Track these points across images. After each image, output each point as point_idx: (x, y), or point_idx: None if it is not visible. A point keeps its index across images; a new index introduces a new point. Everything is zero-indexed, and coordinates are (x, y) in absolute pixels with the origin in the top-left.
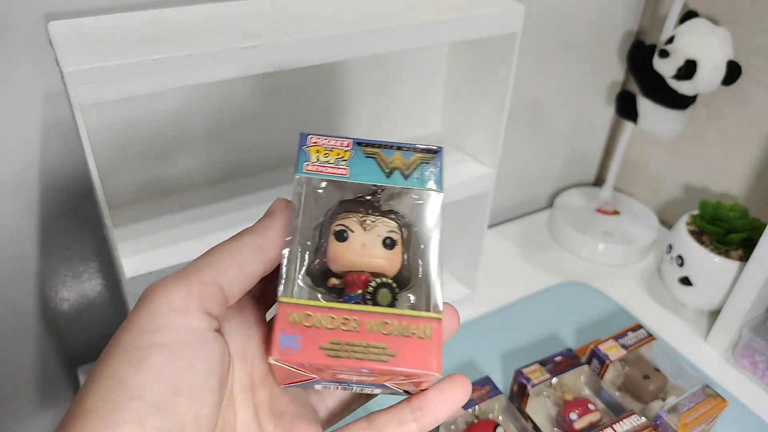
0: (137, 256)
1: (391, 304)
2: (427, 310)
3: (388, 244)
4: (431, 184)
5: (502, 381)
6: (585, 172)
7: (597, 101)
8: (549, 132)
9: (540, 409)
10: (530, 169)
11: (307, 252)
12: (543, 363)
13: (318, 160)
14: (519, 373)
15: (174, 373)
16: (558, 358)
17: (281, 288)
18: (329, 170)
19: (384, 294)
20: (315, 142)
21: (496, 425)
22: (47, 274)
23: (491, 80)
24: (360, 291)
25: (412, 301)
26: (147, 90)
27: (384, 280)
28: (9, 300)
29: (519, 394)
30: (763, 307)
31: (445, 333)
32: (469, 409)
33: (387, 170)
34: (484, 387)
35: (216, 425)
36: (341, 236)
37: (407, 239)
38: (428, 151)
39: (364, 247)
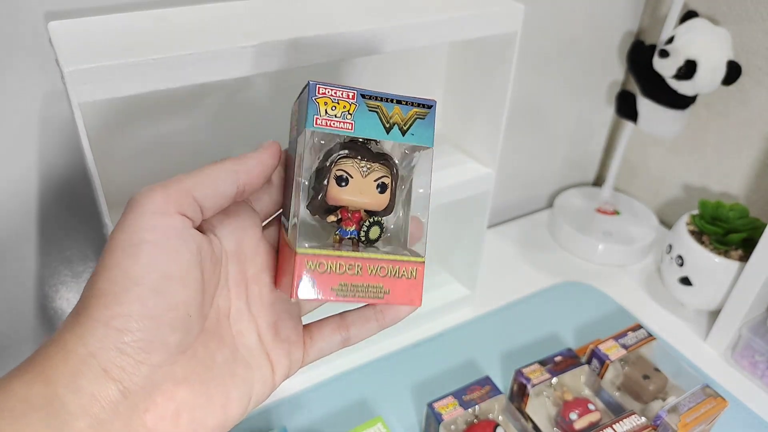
0: None
1: (379, 238)
2: (411, 254)
3: (381, 188)
4: (424, 140)
5: (502, 381)
6: (585, 172)
7: (597, 101)
8: (549, 132)
9: (540, 409)
10: (530, 169)
11: (310, 189)
12: (543, 363)
13: (326, 113)
14: (519, 373)
15: (162, 262)
16: (558, 358)
17: (298, 242)
18: (336, 124)
19: (374, 230)
20: (323, 93)
21: (496, 425)
22: (47, 274)
23: (491, 80)
24: (354, 227)
25: (395, 239)
26: (147, 90)
27: (375, 219)
28: (9, 300)
29: (519, 394)
30: (762, 307)
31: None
32: (469, 409)
33: (387, 125)
34: (484, 387)
35: (204, 307)
36: (342, 181)
37: (396, 180)
38: (423, 105)
39: (362, 192)
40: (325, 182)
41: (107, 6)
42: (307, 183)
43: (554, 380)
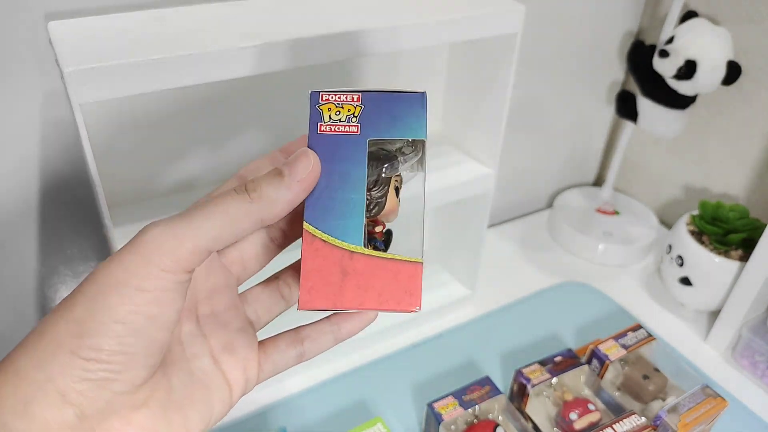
0: None
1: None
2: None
3: (397, 192)
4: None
5: (502, 381)
6: (585, 172)
7: (597, 101)
8: (549, 132)
9: (540, 409)
10: (530, 169)
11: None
12: (543, 363)
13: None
14: (519, 373)
15: (152, 310)
16: (558, 358)
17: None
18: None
19: (389, 236)
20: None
21: (496, 425)
22: (47, 274)
23: (491, 80)
24: (380, 237)
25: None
26: (147, 90)
27: (388, 228)
28: (9, 300)
29: (519, 394)
30: (762, 307)
31: None
32: (469, 409)
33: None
34: (484, 387)
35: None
36: (398, 192)
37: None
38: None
39: (398, 203)
40: (380, 195)
41: (107, 6)
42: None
43: (554, 380)
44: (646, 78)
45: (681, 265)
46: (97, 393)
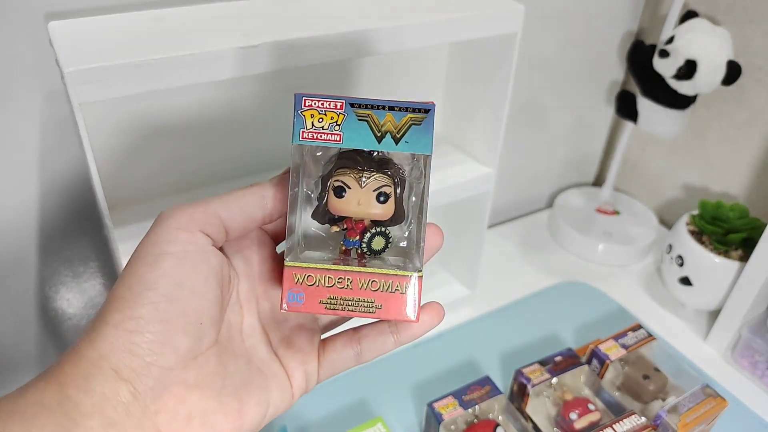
0: None
1: (384, 249)
2: (408, 269)
3: (382, 199)
4: (420, 148)
5: (502, 381)
6: (585, 172)
7: (597, 101)
8: (549, 132)
9: (540, 409)
10: (530, 169)
11: (311, 199)
12: (543, 363)
13: (312, 125)
14: (519, 373)
15: (179, 272)
16: (558, 358)
17: (288, 255)
18: (323, 137)
19: (378, 241)
20: (310, 105)
21: (496, 425)
22: (47, 274)
23: (491, 80)
24: (357, 238)
25: (402, 250)
26: (147, 90)
27: (379, 229)
28: (9, 300)
29: (519, 394)
30: (762, 307)
31: (430, 250)
32: (469, 409)
33: (378, 134)
34: (484, 387)
35: (217, 319)
36: (339, 193)
37: (400, 190)
38: (420, 110)
39: (360, 204)
40: (324, 193)
41: (107, 6)
42: (311, 193)
43: (554, 380)
44: (646, 78)
45: (681, 265)
46: (146, 369)
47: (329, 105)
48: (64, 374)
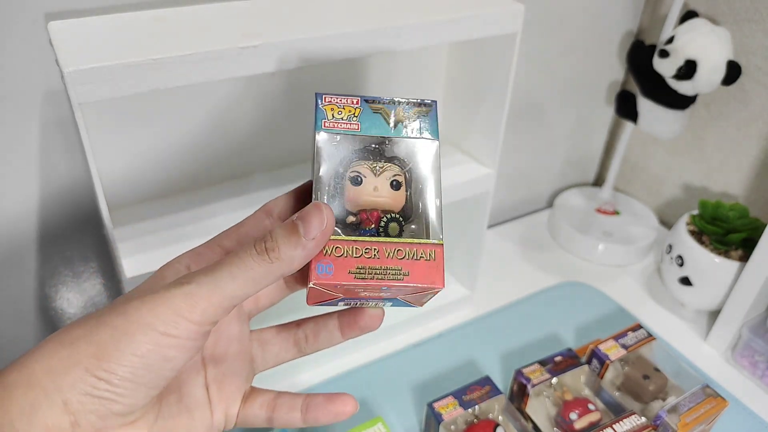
0: (137, 256)
1: (399, 235)
2: (429, 237)
3: (395, 185)
4: (427, 134)
5: (502, 381)
6: (585, 172)
7: (597, 101)
8: (549, 132)
9: (540, 409)
10: (530, 169)
11: (327, 196)
12: (543, 363)
13: (333, 117)
14: (519, 373)
15: (172, 354)
16: (558, 358)
17: None
18: (344, 126)
19: (393, 227)
20: (329, 101)
21: (496, 425)
22: (47, 274)
23: (491, 80)
24: (373, 226)
25: (415, 231)
26: (147, 90)
27: (393, 215)
28: (9, 300)
29: (519, 394)
30: (762, 307)
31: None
32: (469, 409)
33: (391, 124)
34: (484, 387)
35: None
36: (356, 181)
37: (409, 181)
38: (424, 105)
39: (376, 189)
40: (341, 186)
41: (107, 6)
42: (327, 189)
43: (554, 380)
44: (646, 78)
45: (681, 265)
46: (95, 408)
47: (346, 101)
48: (11, 399)
